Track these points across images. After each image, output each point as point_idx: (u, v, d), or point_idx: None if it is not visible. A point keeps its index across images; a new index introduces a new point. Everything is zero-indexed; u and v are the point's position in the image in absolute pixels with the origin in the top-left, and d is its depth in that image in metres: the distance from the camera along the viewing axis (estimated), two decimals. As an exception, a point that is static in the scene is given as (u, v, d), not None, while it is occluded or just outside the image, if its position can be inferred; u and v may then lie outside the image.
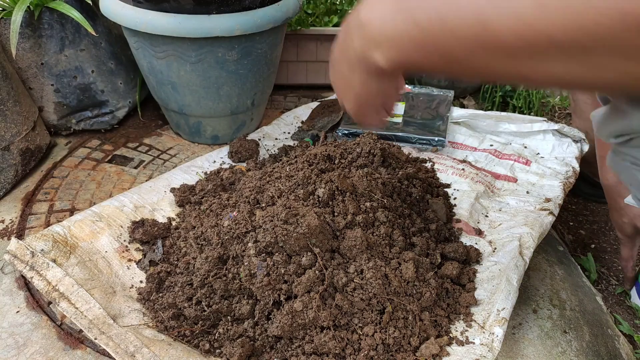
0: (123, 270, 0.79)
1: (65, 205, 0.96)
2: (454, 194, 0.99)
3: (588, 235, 1.11)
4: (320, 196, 0.77)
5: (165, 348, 0.63)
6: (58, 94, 1.11)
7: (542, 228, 0.87)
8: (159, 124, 1.25)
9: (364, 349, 0.64)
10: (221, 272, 0.70)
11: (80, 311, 0.67)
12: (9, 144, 0.96)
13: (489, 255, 0.83)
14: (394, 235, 0.78)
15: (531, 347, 0.73)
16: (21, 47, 1.03)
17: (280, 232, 0.67)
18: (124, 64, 1.20)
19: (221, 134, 1.17)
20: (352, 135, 1.17)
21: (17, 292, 0.78)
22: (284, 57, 1.40)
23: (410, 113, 1.22)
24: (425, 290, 0.72)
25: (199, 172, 1.03)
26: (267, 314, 0.67)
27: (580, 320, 0.78)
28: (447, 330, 0.71)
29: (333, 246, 0.71)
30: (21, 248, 0.72)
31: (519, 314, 0.78)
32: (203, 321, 0.69)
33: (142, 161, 1.11)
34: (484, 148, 1.17)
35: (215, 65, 1.01)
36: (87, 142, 1.16)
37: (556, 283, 0.85)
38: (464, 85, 1.52)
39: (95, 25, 1.08)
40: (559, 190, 0.99)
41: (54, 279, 0.70)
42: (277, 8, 1.02)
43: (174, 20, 0.93)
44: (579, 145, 1.11)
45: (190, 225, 0.86)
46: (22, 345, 0.69)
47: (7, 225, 0.91)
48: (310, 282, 0.65)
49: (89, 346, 0.70)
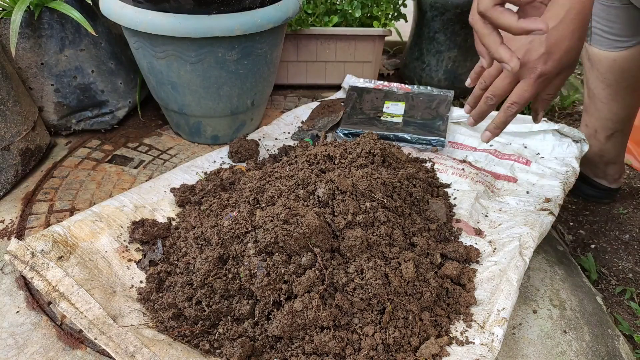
0: (123, 270, 0.79)
1: (65, 205, 0.96)
2: (454, 194, 0.99)
3: (588, 235, 1.11)
4: (320, 196, 0.77)
5: (165, 348, 0.63)
6: (58, 94, 1.11)
7: (542, 228, 0.87)
8: (159, 124, 1.25)
9: (364, 349, 0.64)
10: (221, 272, 0.70)
11: (80, 311, 0.67)
12: (9, 144, 0.96)
13: (489, 255, 0.83)
14: (394, 235, 0.78)
15: (531, 347, 0.73)
16: (21, 47, 1.03)
17: (280, 232, 0.67)
18: (124, 64, 1.20)
19: (221, 134, 1.17)
20: (352, 135, 1.17)
21: (17, 292, 0.78)
22: (284, 57, 1.40)
23: (410, 113, 1.22)
24: (425, 290, 0.72)
25: (199, 172, 1.03)
26: (267, 314, 0.67)
27: (580, 320, 0.78)
28: (447, 330, 0.71)
29: (333, 246, 0.71)
30: (21, 248, 0.72)
31: (519, 314, 0.78)
32: (203, 321, 0.69)
33: (142, 161, 1.11)
34: (484, 148, 1.17)
35: (215, 65, 1.01)
36: (87, 142, 1.16)
37: (556, 283, 0.85)
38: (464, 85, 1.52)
39: (95, 25, 1.08)
40: (559, 190, 0.99)
41: (54, 279, 0.70)
42: (277, 8, 1.02)
43: (174, 20, 0.93)
44: (579, 145, 1.11)
45: (190, 225, 0.86)
46: (22, 345, 0.69)
47: (7, 225, 0.91)
48: (310, 282, 0.65)
49: (89, 346, 0.70)
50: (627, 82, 1.02)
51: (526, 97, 0.69)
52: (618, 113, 1.08)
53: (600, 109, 1.09)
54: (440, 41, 1.46)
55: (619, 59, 0.99)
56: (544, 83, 0.68)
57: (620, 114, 1.08)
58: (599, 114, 1.10)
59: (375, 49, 1.42)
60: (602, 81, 1.05)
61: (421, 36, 1.49)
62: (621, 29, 0.96)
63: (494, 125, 0.77)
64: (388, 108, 1.24)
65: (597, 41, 1.01)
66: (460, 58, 1.47)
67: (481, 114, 0.78)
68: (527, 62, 0.67)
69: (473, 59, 1.49)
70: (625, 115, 1.08)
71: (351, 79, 1.42)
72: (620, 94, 1.04)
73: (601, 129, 1.12)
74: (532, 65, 0.67)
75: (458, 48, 1.45)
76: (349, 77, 1.43)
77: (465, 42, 1.44)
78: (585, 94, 1.14)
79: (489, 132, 0.78)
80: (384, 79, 1.62)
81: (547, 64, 0.66)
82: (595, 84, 1.07)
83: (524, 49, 0.67)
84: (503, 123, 0.75)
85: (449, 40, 1.45)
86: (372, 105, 1.26)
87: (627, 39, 0.97)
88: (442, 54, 1.47)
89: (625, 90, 1.03)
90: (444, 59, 1.48)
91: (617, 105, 1.06)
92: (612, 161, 1.16)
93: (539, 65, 0.66)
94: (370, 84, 1.39)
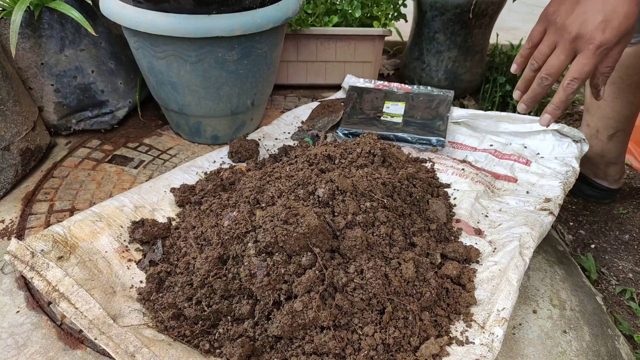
0: (123, 270, 0.79)
1: (65, 205, 0.96)
2: (454, 194, 0.99)
3: (588, 235, 1.11)
4: (321, 196, 0.77)
5: (165, 348, 0.63)
6: (58, 94, 1.11)
7: (542, 228, 0.87)
8: (159, 124, 1.25)
9: (364, 349, 0.64)
10: (221, 272, 0.70)
11: (80, 311, 0.67)
12: (9, 144, 0.96)
13: (489, 255, 0.83)
14: (394, 235, 0.78)
15: (531, 347, 0.73)
16: (21, 47, 1.03)
17: (280, 232, 0.67)
18: (124, 64, 1.20)
19: (221, 134, 1.17)
20: (352, 135, 1.17)
21: (17, 292, 0.78)
22: (284, 57, 1.40)
23: (410, 113, 1.22)
24: (425, 290, 0.72)
25: (199, 172, 1.03)
26: (267, 314, 0.67)
27: (580, 320, 0.78)
28: (447, 330, 0.71)
29: (333, 246, 0.71)
30: (21, 248, 0.72)
31: (519, 314, 0.78)
32: (203, 321, 0.69)
33: (142, 161, 1.11)
34: (484, 148, 1.17)
35: (215, 65, 1.01)
36: (87, 142, 1.16)
37: (556, 283, 0.85)
38: (464, 85, 1.53)
39: (95, 25, 1.08)
40: (559, 190, 0.99)
41: (54, 279, 0.70)
42: (277, 8, 1.02)
43: (174, 20, 0.93)
44: (579, 145, 1.11)
45: (190, 225, 0.86)
46: (22, 345, 0.69)
47: (7, 225, 0.91)
48: (310, 282, 0.65)
49: (89, 346, 0.70)
50: (631, 79, 1.02)
51: (586, 71, 0.65)
52: (621, 112, 1.07)
53: (602, 107, 1.09)
54: (440, 41, 1.46)
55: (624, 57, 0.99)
56: (604, 54, 0.65)
57: (623, 113, 1.08)
58: (602, 112, 1.10)
59: (375, 49, 1.42)
60: None
61: (421, 36, 1.49)
62: None
63: (554, 107, 0.72)
64: (388, 108, 1.24)
65: None
66: (460, 58, 1.47)
67: (535, 98, 0.73)
68: (584, 33, 0.64)
69: (473, 59, 1.49)
70: (628, 113, 1.08)
71: (351, 79, 1.42)
72: (624, 92, 1.04)
73: (603, 129, 1.12)
74: (590, 36, 0.63)
75: (458, 48, 1.45)
76: (349, 77, 1.43)
77: (465, 42, 1.44)
78: (586, 94, 1.14)
79: (549, 114, 0.73)
80: (384, 79, 1.62)
81: (605, 32, 0.63)
82: None
83: (579, 20, 0.64)
84: (563, 102, 0.70)
85: (449, 40, 1.45)
86: (372, 105, 1.26)
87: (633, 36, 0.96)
88: (442, 54, 1.47)
89: (629, 88, 1.03)
90: (444, 59, 1.48)
91: (620, 104, 1.06)
92: (613, 161, 1.15)
93: (597, 35, 0.63)
94: (370, 84, 1.39)
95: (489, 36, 1.50)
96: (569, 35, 0.66)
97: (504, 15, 1.46)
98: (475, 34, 1.43)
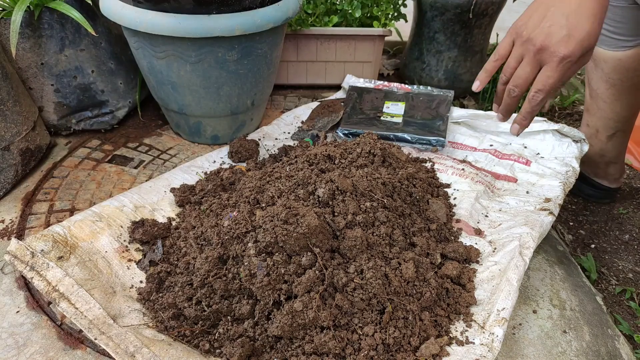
0: (123, 270, 0.79)
1: (65, 205, 0.96)
2: (454, 194, 0.99)
3: (588, 235, 1.11)
4: (321, 196, 0.77)
5: (165, 348, 0.63)
6: (58, 94, 1.11)
7: (542, 228, 0.87)
8: (159, 124, 1.25)
9: (364, 349, 0.64)
10: (221, 272, 0.70)
11: (80, 311, 0.67)
12: (9, 144, 0.96)
13: (489, 255, 0.83)
14: (394, 235, 0.78)
15: (531, 347, 0.73)
16: (21, 47, 1.03)
17: (280, 232, 0.67)
18: (124, 64, 1.20)
19: (221, 134, 1.17)
20: (352, 135, 1.17)
21: (17, 292, 0.78)
22: (284, 57, 1.40)
23: (410, 113, 1.22)
24: (425, 290, 0.72)
25: (199, 172, 1.03)
26: (267, 314, 0.67)
27: (580, 320, 0.78)
28: (447, 330, 0.71)
29: (333, 246, 0.71)
30: (21, 248, 0.72)
31: (519, 314, 0.78)
32: (203, 321, 0.69)
33: (142, 161, 1.11)
34: (484, 148, 1.17)
35: (215, 65, 1.01)
36: (87, 142, 1.16)
37: (556, 283, 0.85)
38: (464, 85, 1.52)
39: (95, 25, 1.08)
40: (559, 190, 0.99)
41: (54, 279, 0.70)
42: (277, 8, 1.02)
43: (174, 20, 0.93)
44: (579, 145, 1.11)
45: (190, 225, 0.86)
46: (22, 345, 0.69)
47: (7, 225, 0.91)
48: (310, 282, 0.65)
49: (89, 346, 0.70)
50: (631, 81, 1.02)
51: (550, 83, 0.68)
52: (620, 112, 1.08)
53: (602, 108, 1.09)
54: (440, 41, 1.46)
55: (624, 59, 0.99)
56: (567, 67, 0.67)
57: (623, 114, 1.08)
58: (601, 113, 1.10)
59: (375, 49, 1.42)
60: (605, 81, 1.05)
61: (421, 36, 1.49)
62: (627, 28, 0.96)
63: (522, 117, 0.75)
64: (388, 108, 1.24)
65: (602, 41, 1.01)
66: (460, 58, 1.47)
67: (508, 108, 0.76)
68: (549, 45, 0.66)
69: (473, 59, 1.48)
70: (627, 114, 1.08)
71: (351, 79, 1.42)
72: (624, 94, 1.04)
73: (603, 129, 1.12)
74: (554, 48, 0.66)
75: (458, 48, 1.45)
76: (349, 77, 1.43)
77: (465, 42, 1.44)
78: (586, 94, 1.14)
79: (517, 124, 0.76)
80: (384, 79, 1.62)
81: (568, 46, 0.65)
82: (599, 84, 1.07)
83: (544, 33, 0.66)
84: (529, 113, 0.74)
85: (449, 40, 1.45)
86: (372, 105, 1.26)
87: (632, 39, 0.97)
88: (442, 54, 1.47)
89: (629, 90, 1.03)
90: (444, 59, 1.48)
91: (620, 105, 1.06)
92: (613, 161, 1.16)
93: (561, 48, 0.65)
94: (370, 84, 1.39)
95: (489, 36, 1.50)
96: (534, 47, 0.68)
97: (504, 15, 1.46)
98: (475, 34, 1.43)
